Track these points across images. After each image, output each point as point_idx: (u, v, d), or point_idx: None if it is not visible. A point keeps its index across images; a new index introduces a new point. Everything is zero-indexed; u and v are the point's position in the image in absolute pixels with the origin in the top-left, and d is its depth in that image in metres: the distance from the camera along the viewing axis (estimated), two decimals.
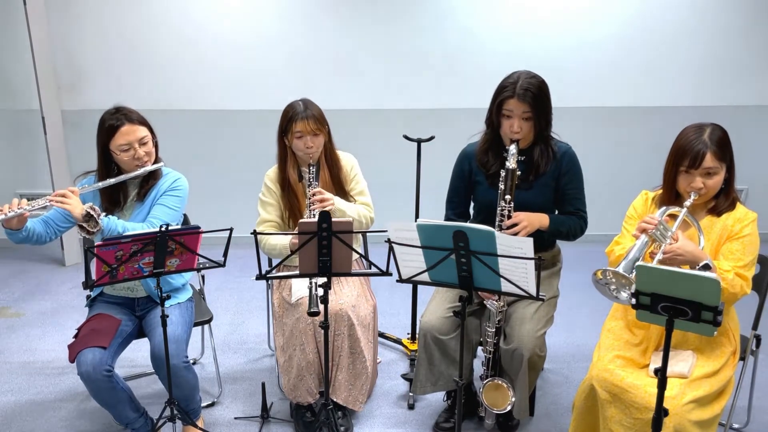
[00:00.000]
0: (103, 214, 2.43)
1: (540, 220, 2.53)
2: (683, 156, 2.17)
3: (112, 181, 2.51)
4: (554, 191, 2.62)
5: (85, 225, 2.36)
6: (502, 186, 2.44)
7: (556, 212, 2.67)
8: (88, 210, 2.37)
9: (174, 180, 2.65)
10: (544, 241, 2.64)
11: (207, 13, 4.59)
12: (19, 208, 2.31)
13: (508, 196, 2.44)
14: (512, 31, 4.63)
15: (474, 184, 2.69)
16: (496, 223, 2.47)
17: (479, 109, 2.73)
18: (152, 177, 2.61)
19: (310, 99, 2.78)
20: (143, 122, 2.56)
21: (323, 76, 4.67)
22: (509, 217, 2.45)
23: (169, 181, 2.64)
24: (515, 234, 2.40)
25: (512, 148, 2.43)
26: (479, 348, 2.66)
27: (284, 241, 2.70)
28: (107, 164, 2.57)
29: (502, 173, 2.44)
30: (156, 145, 2.61)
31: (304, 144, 2.70)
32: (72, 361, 2.41)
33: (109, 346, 2.45)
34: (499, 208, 2.46)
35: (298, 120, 2.68)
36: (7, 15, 4.50)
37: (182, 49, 4.64)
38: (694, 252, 2.08)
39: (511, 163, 2.41)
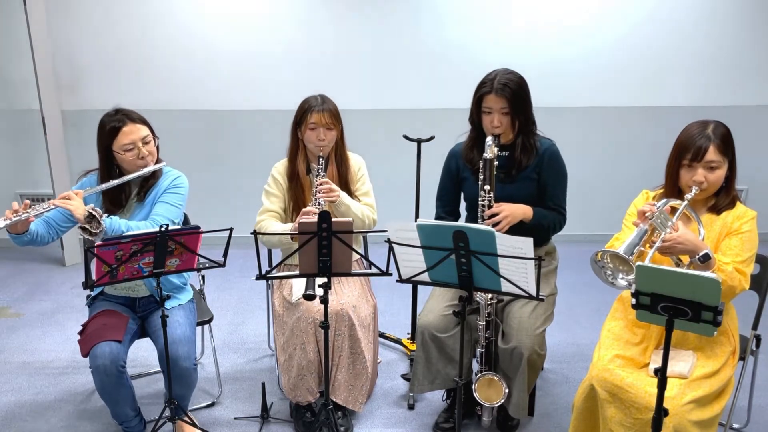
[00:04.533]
0: (105, 215, 2.43)
1: (524, 211, 2.55)
2: (686, 149, 2.18)
3: (115, 182, 2.52)
4: (537, 185, 2.64)
5: (87, 226, 2.36)
6: (481, 176, 2.49)
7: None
8: (90, 211, 2.37)
9: (174, 178, 2.66)
10: (536, 237, 2.64)
11: (207, 13, 4.59)
12: (23, 212, 2.30)
13: (487, 186, 2.48)
14: (513, 30, 4.63)
15: (461, 180, 2.74)
16: (479, 213, 2.50)
17: None
18: (152, 176, 2.62)
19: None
20: (144, 122, 2.58)
21: (323, 75, 4.66)
22: (490, 206, 2.49)
23: (170, 179, 2.64)
24: (496, 224, 2.44)
25: (489, 140, 2.49)
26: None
27: (284, 229, 2.72)
28: (109, 166, 2.58)
29: (481, 164, 2.49)
30: (157, 146, 2.62)
31: (316, 136, 2.72)
32: (85, 355, 2.41)
33: (123, 341, 2.46)
34: (479, 199, 2.50)
35: (314, 111, 2.71)
36: (7, 15, 4.50)
37: (182, 49, 4.64)
38: (694, 241, 2.08)
39: (488, 154, 2.47)
